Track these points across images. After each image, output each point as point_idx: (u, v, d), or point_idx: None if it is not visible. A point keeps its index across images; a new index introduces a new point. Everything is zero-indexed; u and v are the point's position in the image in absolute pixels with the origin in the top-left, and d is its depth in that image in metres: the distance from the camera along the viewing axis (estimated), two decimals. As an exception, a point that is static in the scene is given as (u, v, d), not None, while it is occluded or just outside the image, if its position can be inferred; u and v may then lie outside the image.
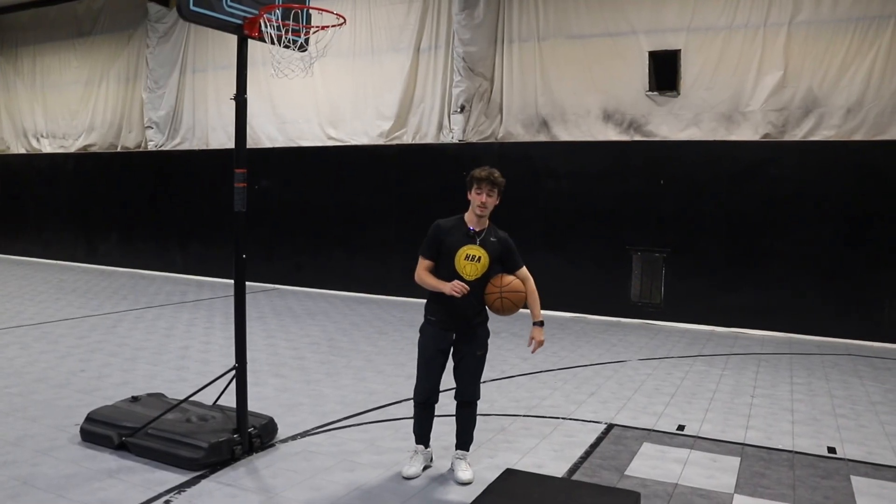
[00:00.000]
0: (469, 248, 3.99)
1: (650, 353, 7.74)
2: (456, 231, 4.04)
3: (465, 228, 4.04)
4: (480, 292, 4.03)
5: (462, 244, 4.00)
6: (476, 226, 4.04)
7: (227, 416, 4.60)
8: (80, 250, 15.13)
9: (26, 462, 4.25)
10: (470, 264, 3.98)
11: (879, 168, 8.37)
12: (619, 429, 5.13)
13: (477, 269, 3.99)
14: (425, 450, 4.25)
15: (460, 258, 3.98)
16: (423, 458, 4.22)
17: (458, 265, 3.98)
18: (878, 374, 6.93)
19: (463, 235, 4.02)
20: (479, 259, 3.99)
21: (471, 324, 4.08)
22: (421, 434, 4.23)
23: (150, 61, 13.65)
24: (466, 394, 4.16)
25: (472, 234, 4.02)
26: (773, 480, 4.21)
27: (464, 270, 3.98)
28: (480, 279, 4.01)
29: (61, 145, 15.47)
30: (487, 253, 4.01)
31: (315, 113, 12.06)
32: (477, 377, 4.17)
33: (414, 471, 4.13)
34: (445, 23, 10.88)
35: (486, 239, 4.04)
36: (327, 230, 11.90)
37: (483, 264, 4.00)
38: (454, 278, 3.96)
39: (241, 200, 4.45)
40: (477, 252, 3.99)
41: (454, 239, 4.01)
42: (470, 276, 3.98)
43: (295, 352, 7.46)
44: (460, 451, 4.25)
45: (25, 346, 7.39)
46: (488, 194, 3.97)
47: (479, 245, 4.01)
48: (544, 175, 10.17)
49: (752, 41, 8.97)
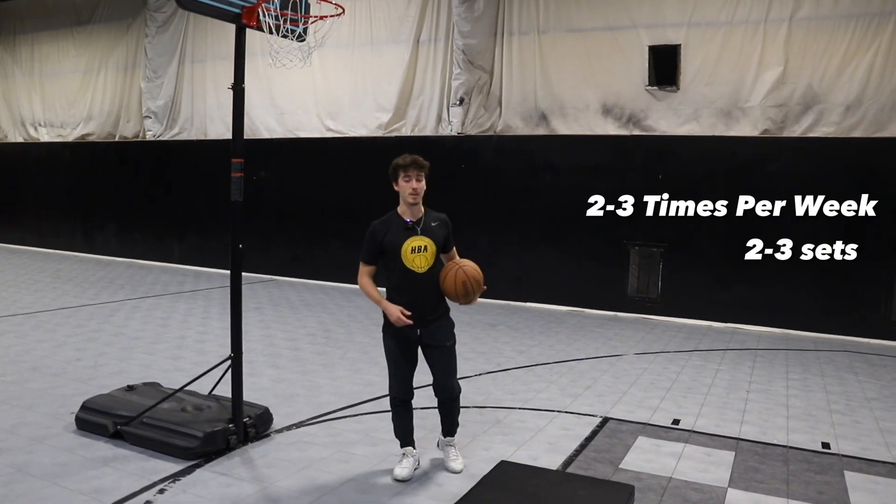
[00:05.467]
0: (413, 241, 3.90)
1: (646, 347, 7.75)
2: (394, 227, 3.93)
3: (401, 222, 3.94)
4: (434, 284, 3.95)
5: (404, 238, 3.90)
6: (412, 216, 3.95)
7: (223, 405, 4.61)
8: (77, 240, 15.11)
9: (21, 450, 4.25)
10: (418, 256, 3.90)
11: (878, 165, 8.36)
12: (615, 422, 5.14)
13: (427, 259, 3.92)
14: (413, 451, 4.14)
15: (406, 253, 3.89)
16: (412, 459, 4.11)
17: (407, 260, 3.89)
18: (873, 371, 6.95)
19: (402, 230, 3.92)
20: (425, 248, 3.92)
21: (432, 315, 3.97)
22: (404, 435, 4.13)
23: (149, 51, 13.60)
24: (445, 390, 4.07)
25: (411, 225, 3.93)
26: (767, 475, 4.23)
27: (413, 264, 3.90)
28: (432, 268, 3.94)
29: (59, 134, 15.41)
30: (432, 240, 3.95)
31: (314, 104, 12.02)
32: (451, 370, 4.07)
33: (406, 473, 4.03)
34: (445, 15, 10.84)
35: (427, 225, 3.96)
36: (325, 222, 11.89)
37: (431, 252, 3.93)
38: (407, 275, 3.89)
39: (238, 190, 4.45)
40: (422, 242, 3.92)
41: (394, 236, 3.91)
42: (421, 268, 3.91)
43: (291, 342, 7.46)
44: (448, 438, 4.23)
45: (22, 334, 7.39)
46: (417, 179, 3.89)
47: (421, 234, 3.93)
48: (543, 168, 10.16)
49: (752, 37, 8.95)
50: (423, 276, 3.91)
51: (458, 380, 4.15)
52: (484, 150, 10.62)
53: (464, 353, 7.18)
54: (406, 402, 4.09)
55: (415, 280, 3.91)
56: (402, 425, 4.12)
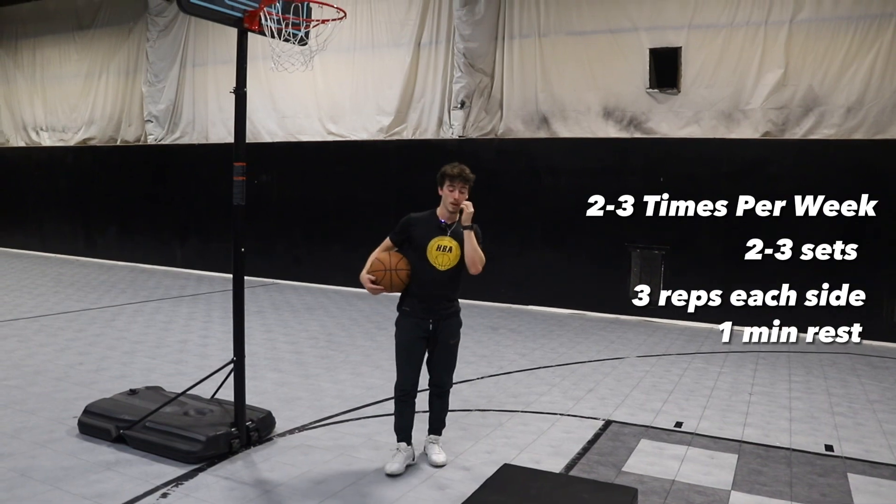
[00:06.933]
0: (441, 240, 4.12)
1: (648, 349, 7.75)
2: (427, 224, 4.16)
3: (436, 221, 4.17)
4: (454, 282, 4.15)
5: (433, 236, 4.12)
6: (447, 219, 4.16)
7: (225, 409, 4.61)
8: (79, 244, 15.12)
9: (24, 454, 4.25)
10: (442, 255, 4.11)
11: (879, 167, 8.36)
12: (617, 425, 5.13)
13: (449, 259, 4.11)
14: (407, 447, 4.24)
15: (432, 249, 4.10)
16: (406, 455, 4.20)
17: (431, 256, 4.10)
18: (876, 373, 6.94)
19: (434, 228, 4.15)
20: (450, 249, 4.11)
21: (445, 313, 4.16)
22: (403, 429, 4.25)
23: (151, 55, 13.62)
24: (440, 383, 4.27)
25: (444, 226, 4.15)
26: (771, 478, 4.22)
27: (436, 261, 4.10)
28: (454, 269, 4.13)
29: (61, 138, 15.43)
30: (459, 244, 4.12)
31: (315, 108, 12.04)
32: (451, 367, 4.28)
33: (397, 467, 4.12)
34: (446, 18, 10.86)
35: (458, 230, 4.14)
36: (326, 225, 11.89)
37: (455, 255, 4.12)
38: (426, 270, 4.09)
39: (240, 194, 4.46)
40: (449, 243, 4.12)
41: (425, 231, 4.13)
42: (443, 267, 4.10)
43: (293, 346, 7.46)
44: (433, 436, 4.37)
45: (24, 338, 7.39)
46: (461, 191, 4.09)
47: (450, 236, 4.12)
48: (544, 171, 10.16)
49: (752, 39, 8.95)
50: (442, 273, 4.11)
51: (452, 376, 4.34)
52: (485, 153, 10.63)
53: (466, 356, 7.18)
54: (410, 395, 4.22)
55: (434, 276, 4.11)
56: (403, 419, 4.25)
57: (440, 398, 4.32)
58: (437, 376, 4.26)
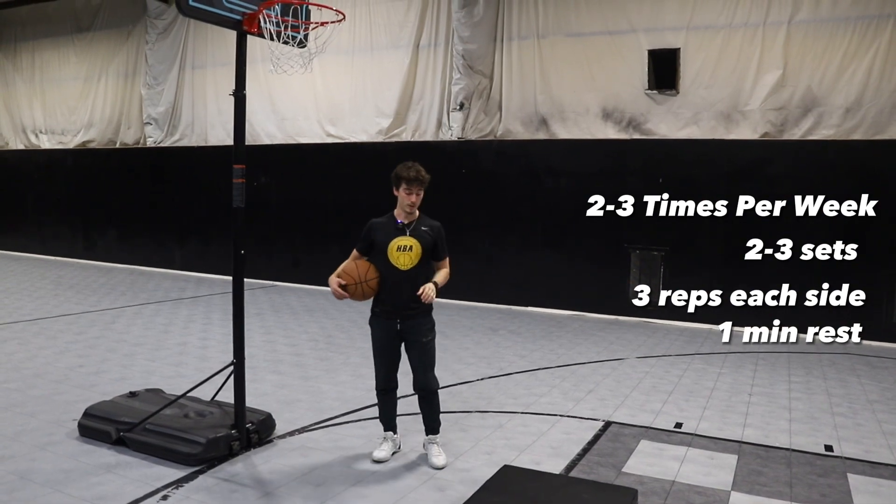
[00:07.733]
0: (400, 240, 4.17)
1: (648, 350, 7.75)
2: (386, 226, 4.24)
3: (394, 223, 4.24)
4: (417, 282, 4.13)
5: (393, 237, 4.18)
6: (405, 219, 4.22)
7: (225, 411, 4.61)
8: (78, 246, 15.12)
9: (24, 457, 4.26)
10: (402, 254, 4.16)
11: (878, 167, 8.37)
12: (617, 426, 5.13)
13: (410, 259, 4.16)
14: (393, 436, 4.47)
15: (392, 250, 4.16)
16: (392, 443, 4.44)
17: (392, 257, 4.16)
18: (875, 373, 6.95)
19: (393, 229, 4.21)
20: (410, 248, 4.17)
21: (411, 312, 4.20)
22: (387, 420, 4.45)
23: (150, 57, 13.62)
24: (422, 384, 4.30)
25: (402, 226, 4.21)
26: (770, 478, 4.22)
27: (398, 261, 4.16)
28: (417, 268, 4.17)
29: (60, 141, 15.44)
30: (419, 242, 4.18)
31: (314, 110, 12.04)
32: (428, 365, 4.29)
33: (383, 455, 4.35)
34: (445, 20, 10.86)
35: (417, 229, 4.22)
36: (326, 227, 11.89)
37: (416, 253, 4.17)
38: (390, 271, 4.16)
39: (239, 196, 4.46)
40: (408, 242, 4.17)
41: (384, 234, 4.21)
42: (404, 266, 4.16)
43: (293, 348, 7.46)
44: (430, 437, 4.41)
45: (24, 341, 7.39)
46: (417, 194, 4.17)
47: (409, 235, 4.18)
48: (543, 173, 10.17)
49: (751, 40, 8.96)
50: (405, 273, 4.16)
51: (435, 375, 4.36)
52: (484, 154, 10.63)
53: (465, 357, 7.19)
54: (389, 391, 4.39)
55: (397, 276, 4.16)
56: (385, 412, 4.45)
57: (428, 401, 4.35)
58: (418, 377, 4.29)
